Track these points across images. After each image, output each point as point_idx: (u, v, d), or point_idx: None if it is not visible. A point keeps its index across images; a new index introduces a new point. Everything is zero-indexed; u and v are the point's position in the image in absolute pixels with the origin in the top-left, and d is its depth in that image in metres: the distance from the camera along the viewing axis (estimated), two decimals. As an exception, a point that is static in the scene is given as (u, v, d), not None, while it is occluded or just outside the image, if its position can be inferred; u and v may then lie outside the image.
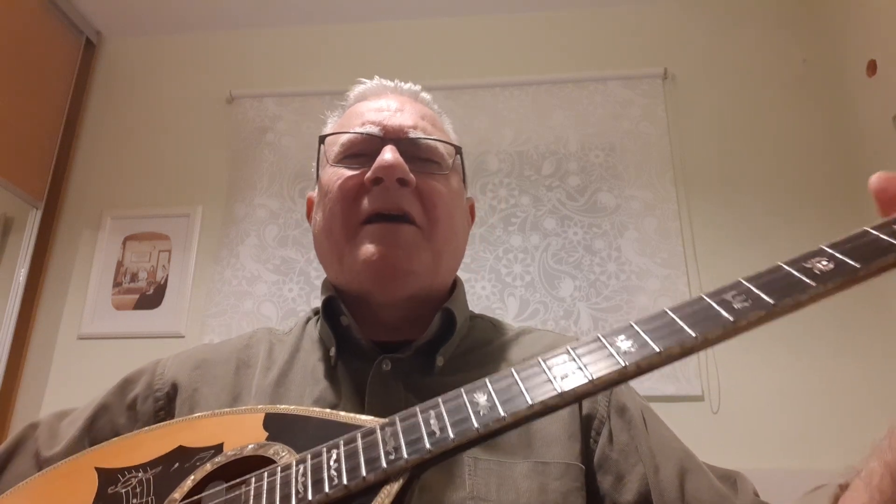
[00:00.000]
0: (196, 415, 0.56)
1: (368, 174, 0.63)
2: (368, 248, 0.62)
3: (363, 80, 0.76)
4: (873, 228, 0.41)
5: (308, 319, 0.73)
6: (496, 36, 2.27)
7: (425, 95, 0.76)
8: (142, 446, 0.52)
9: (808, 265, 0.40)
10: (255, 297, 1.97)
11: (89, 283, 2.05)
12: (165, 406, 0.64)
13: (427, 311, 0.66)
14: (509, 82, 2.16)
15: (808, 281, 0.39)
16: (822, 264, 0.40)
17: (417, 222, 0.64)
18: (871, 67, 1.86)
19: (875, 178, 0.43)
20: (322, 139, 0.71)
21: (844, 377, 1.74)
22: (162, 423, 0.57)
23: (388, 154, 0.63)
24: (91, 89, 2.33)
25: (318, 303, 0.71)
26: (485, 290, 1.92)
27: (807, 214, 1.90)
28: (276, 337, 0.72)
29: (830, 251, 0.40)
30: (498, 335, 0.71)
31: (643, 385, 1.75)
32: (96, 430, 0.63)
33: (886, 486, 0.40)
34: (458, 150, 0.71)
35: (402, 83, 0.75)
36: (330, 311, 0.67)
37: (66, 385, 1.95)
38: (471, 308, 0.77)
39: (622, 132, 2.07)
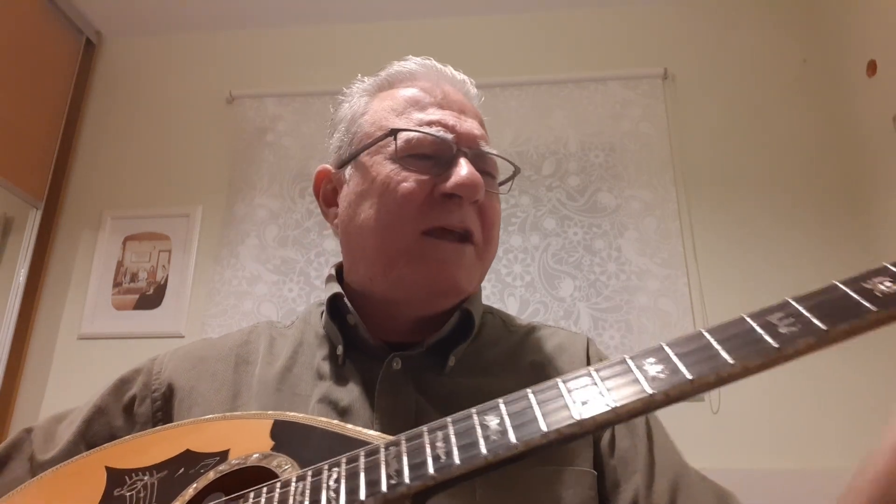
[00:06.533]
0: (207, 417, 0.55)
1: (448, 187, 0.59)
2: (434, 266, 0.59)
3: (410, 57, 0.70)
4: None
5: (310, 313, 0.71)
6: (496, 36, 2.27)
7: (472, 89, 0.71)
8: (151, 447, 0.52)
9: (868, 285, 0.35)
10: (255, 297, 1.97)
11: (89, 283, 2.04)
12: (163, 407, 0.63)
13: (442, 313, 0.63)
14: (509, 82, 2.16)
15: (867, 304, 0.34)
16: (885, 285, 0.35)
17: (475, 241, 0.62)
18: (871, 67, 1.86)
19: None
20: (395, 133, 0.62)
21: (845, 377, 1.74)
22: (173, 424, 0.56)
23: (467, 170, 0.59)
24: (91, 89, 2.33)
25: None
26: (485, 291, 1.92)
27: (807, 214, 1.90)
28: (276, 331, 0.70)
29: (895, 269, 0.35)
30: (508, 334, 0.70)
31: (643, 385, 1.75)
32: (92, 433, 0.62)
33: None
34: (517, 171, 0.70)
35: (454, 71, 0.71)
36: (335, 309, 0.65)
37: (66, 385, 1.95)
38: (489, 308, 0.75)
39: (622, 132, 2.07)
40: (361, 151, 0.64)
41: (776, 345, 0.34)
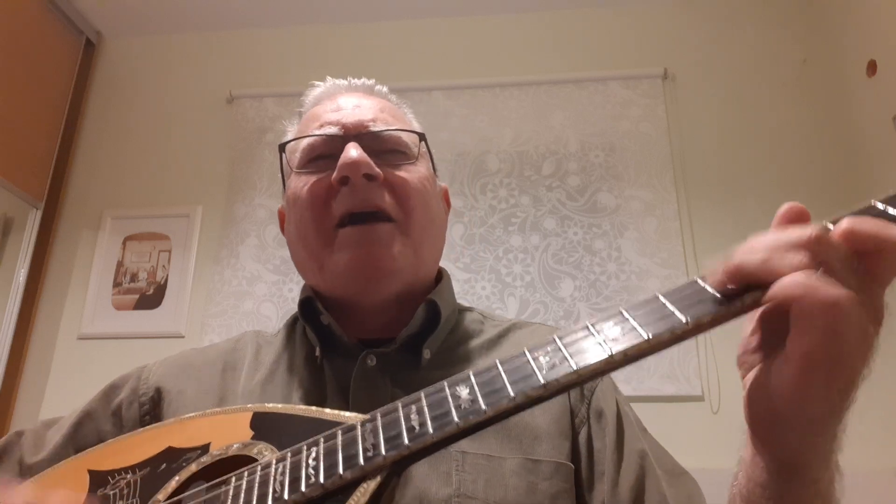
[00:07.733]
0: (186, 415, 0.56)
1: (334, 175, 0.61)
2: (348, 254, 0.61)
3: (316, 83, 0.75)
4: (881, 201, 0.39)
5: (295, 321, 0.73)
6: (496, 36, 2.27)
7: (381, 88, 0.75)
8: (134, 448, 0.52)
9: None
10: (255, 297, 1.97)
11: (89, 283, 2.04)
12: (151, 411, 0.64)
13: (413, 306, 0.65)
14: (509, 82, 2.16)
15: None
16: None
17: (392, 216, 0.63)
18: (871, 67, 1.86)
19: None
20: (282, 147, 0.70)
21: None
22: (154, 425, 0.57)
23: (352, 151, 0.61)
24: (91, 89, 2.33)
25: None
26: (485, 290, 1.92)
27: (807, 214, 1.90)
28: (263, 339, 0.71)
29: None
30: (488, 328, 0.70)
31: (644, 385, 1.75)
32: (80, 436, 0.63)
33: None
34: (422, 136, 0.70)
35: (355, 79, 0.74)
36: (309, 313, 0.66)
37: (66, 385, 1.95)
38: (469, 306, 0.76)
39: (622, 132, 2.07)
40: (284, 179, 0.71)
41: (725, 301, 0.38)
